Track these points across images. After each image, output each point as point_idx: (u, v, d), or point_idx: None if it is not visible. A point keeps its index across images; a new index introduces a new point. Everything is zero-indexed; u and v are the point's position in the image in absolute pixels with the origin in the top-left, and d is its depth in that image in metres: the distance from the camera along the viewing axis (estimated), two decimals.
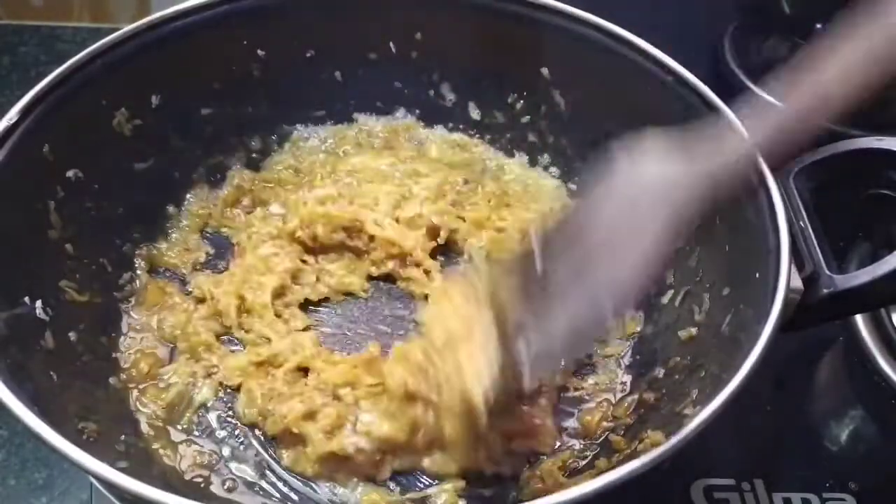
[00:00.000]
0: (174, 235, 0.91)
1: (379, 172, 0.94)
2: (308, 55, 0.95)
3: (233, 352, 0.82)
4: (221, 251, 0.91)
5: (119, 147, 0.85)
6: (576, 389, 0.81)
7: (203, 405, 0.78)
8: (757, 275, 0.69)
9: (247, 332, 0.83)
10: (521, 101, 0.97)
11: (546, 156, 0.99)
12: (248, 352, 0.81)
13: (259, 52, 0.92)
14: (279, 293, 0.85)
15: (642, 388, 0.80)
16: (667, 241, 0.60)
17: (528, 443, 0.76)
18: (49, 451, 0.57)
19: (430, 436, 0.72)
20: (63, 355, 0.73)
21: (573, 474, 0.74)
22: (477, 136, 1.01)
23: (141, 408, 0.77)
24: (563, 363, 0.77)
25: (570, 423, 0.79)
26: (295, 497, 0.73)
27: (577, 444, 0.78)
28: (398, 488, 0.74)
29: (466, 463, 0.73)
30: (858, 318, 0.93)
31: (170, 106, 0.89)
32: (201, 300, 0.85)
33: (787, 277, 0.66)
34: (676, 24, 1.10)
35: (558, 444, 0.77)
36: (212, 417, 0.78)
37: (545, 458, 0.76)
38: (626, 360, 0.84)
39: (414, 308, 0.87)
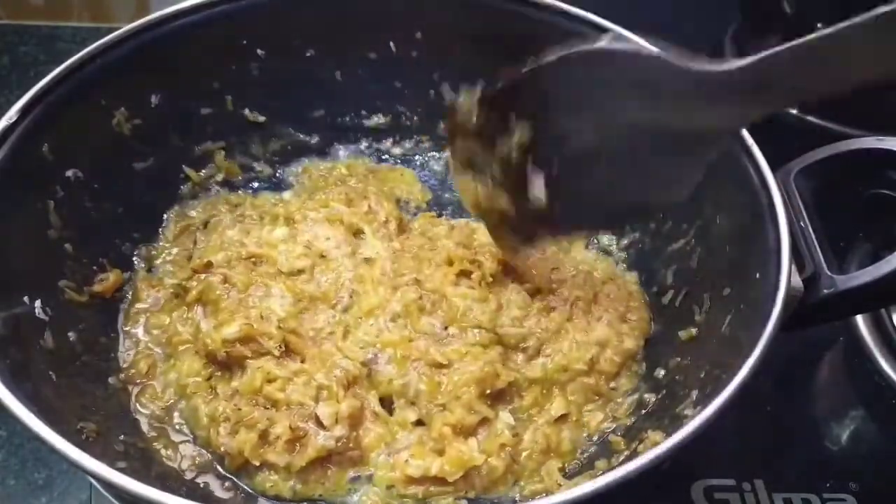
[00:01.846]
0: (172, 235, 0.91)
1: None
2: (308, 54, 0.95)
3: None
4: None
5: (119, 147, 0.85)
6: None
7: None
8: (757, 275, 0.69)
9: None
10: None
11: None
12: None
13: (259, 51, 0.92)
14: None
15: (642, 389, 0.80)
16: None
17: (546, 458, 0.75)
18: (49, 451, 0.57)
19: None
20: (63, 355, 0.73)
21: (573, 475, 0.74)
22: None
23: (140, 408, 0.77)
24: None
25: None
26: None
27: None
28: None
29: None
30: (859, 319, 0.93)
31: (169, 106, 0.89)
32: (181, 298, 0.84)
33: (788, 277, 0.65)
34: (676, 24, 1.10)
35: None
36: None
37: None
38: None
39: None
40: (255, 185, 0.99)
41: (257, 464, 0.71)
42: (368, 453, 0.74)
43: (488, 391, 0.76)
